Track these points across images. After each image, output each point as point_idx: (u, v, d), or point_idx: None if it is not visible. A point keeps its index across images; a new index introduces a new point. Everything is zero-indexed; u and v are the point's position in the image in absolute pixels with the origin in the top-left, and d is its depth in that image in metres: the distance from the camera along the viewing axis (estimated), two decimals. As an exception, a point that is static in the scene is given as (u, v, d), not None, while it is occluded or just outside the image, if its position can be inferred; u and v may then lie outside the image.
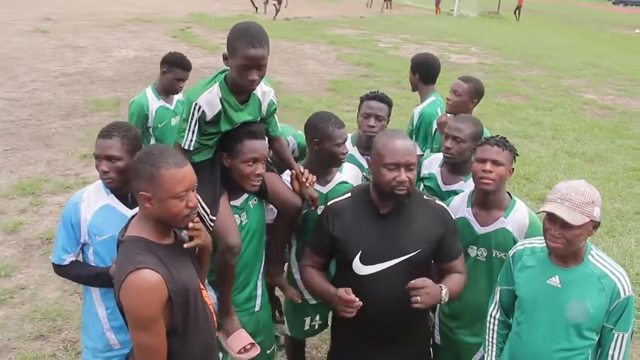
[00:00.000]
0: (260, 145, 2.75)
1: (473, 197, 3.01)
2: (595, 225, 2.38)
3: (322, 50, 17.59)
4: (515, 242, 2.87)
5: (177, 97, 4.87)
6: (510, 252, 2.69)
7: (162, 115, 4.74)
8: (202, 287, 2.35)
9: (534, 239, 2.66)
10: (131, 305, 2.03)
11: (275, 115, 2.98)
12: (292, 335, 3.54)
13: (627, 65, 18.77)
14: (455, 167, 3.36)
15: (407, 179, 2.55)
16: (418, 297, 2.48)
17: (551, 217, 2.36)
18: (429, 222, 2.69)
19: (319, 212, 2.98)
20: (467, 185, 3.29)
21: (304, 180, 2.95)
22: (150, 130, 4.74)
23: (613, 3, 66.38)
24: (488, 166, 2.80)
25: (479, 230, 2.95)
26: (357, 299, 2.54)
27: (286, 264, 3.34)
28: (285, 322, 3.51)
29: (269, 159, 3.07)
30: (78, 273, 2.74)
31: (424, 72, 4.40)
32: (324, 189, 3.13)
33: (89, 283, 2.75)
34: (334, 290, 2.66)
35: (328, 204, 2.86)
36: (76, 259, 2.75)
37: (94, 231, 2.66)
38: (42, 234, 5.51)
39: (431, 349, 3.11)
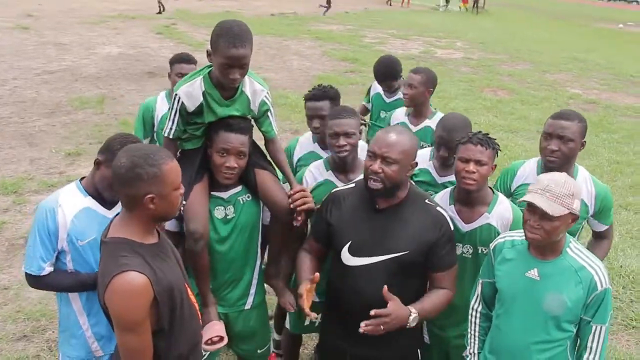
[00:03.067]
0: (233, 138, 2.73)
1: (455, 194, 2.97)
2: (574, 218, 2.38)
3: (308, 45, 17.56)
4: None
5: None
6: (492, 245, 2.69)
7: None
8: (186, 284, 2.32)
9: (514, 232, 2.66)
10: (117, 308, 2.00)
11: (269, 115, 2.93)
12: (292, 329, 3.51)
13: (611, 60, 18.93)
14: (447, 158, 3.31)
15: (380, 171, 2.51)
16: (381, 326, 2.44)
17: (531, 208, 2.37)
18: (423, 226, 2.62)
19: None
20: None
21: (291, 201, 2.85)
22: (155, 135, 4.50)
23: (597, -2, 66.85)
24: (471, 167, 2.75)
25: (464, 227, 2.92)
26: (314, 316, 2.61)
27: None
28: (287, 316, 3.46)
29: (268, 158, 3.04)
30: (58, 282, 2.61)
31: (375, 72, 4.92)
32: None
33: (72, 290, 2.65)
34: (302, 282, 2.66)
35: (332, 190, 2.84)
36: (54, 268, 2.63)
37: (75, 236, 2.56)
38: (25, 234, 5.41)
39: (420, 348, 3.08)
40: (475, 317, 2.78)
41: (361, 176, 2.97)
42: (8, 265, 4.98)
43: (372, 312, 2.42)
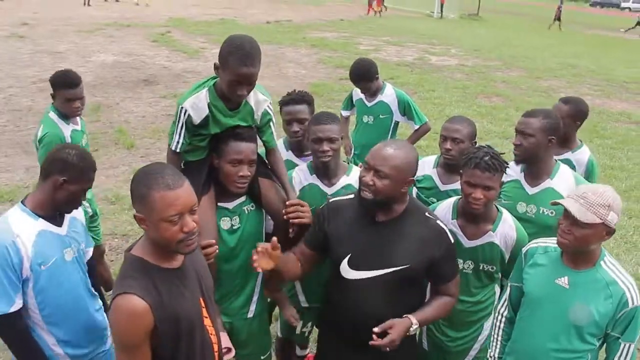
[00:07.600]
0: (245, 147, 2.73)
1: (459, 209, 2.94)
2: (608, 231, 2.34)
3: (303, 53, 17.59)
4: (502, 255, 2.87)
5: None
6: (524, 250, 2.69)
7: (75, 139, 4.11)
8: (206, 315, 2.22)
9: (548, 239, 2.63)
10: (114, 327, 2.01)
11: (271, 125, 2.94)
12: (283, 336, 3.53)
13: (603, 66, 19.03)
14: (452, 166, 3.32)
15: (372, 183, 2.48)
16: (384, 341, 2.43)
17: (566, 213, 2.36)
18: (424, 241, 2.59)
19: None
20: None
21: (286, 212, 2.87)
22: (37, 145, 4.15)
23: (590, 5, 67.32)
24: (479, 194, 2.72)
25: (466, 243, 2.90)
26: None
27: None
28: (278, 322, 3.50)
29: (268, 166, 3.05)
30: (22, 335, 2.59)
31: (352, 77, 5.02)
32: (329, 190, 3.08)
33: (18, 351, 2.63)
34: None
35: (330, 200, 2.84)
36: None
37: (38, 261, 2.52)
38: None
39: (418, 354, 3.07)
40: (501, 321, 2.79)
41: (350, 182, 3.04)
42: (4, 274, 4.95)
43: (375, 330, 2.44)
